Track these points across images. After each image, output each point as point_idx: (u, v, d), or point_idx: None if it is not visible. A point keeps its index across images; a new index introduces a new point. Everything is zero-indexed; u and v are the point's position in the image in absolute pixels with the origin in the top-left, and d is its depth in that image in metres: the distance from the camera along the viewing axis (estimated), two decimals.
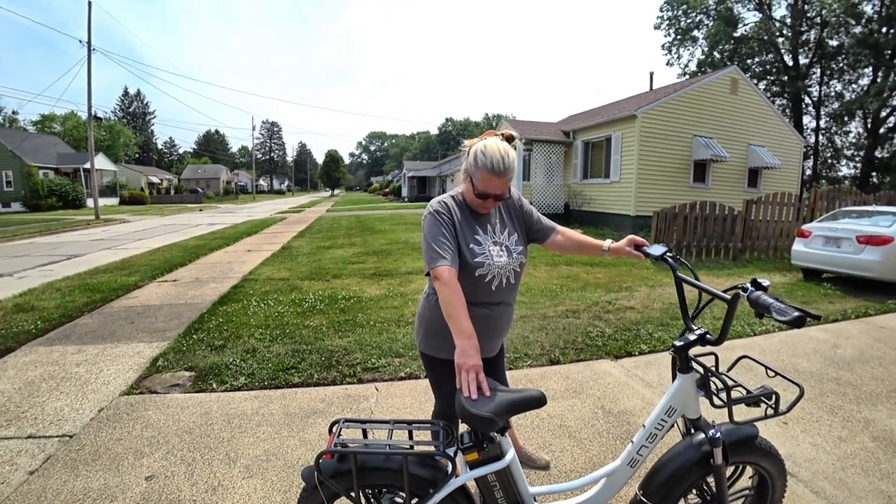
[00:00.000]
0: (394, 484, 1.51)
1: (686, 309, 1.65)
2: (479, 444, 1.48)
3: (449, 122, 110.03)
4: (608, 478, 1.66)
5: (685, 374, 1.57)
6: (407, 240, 12.19)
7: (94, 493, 2.29)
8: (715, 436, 1.52)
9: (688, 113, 14.23)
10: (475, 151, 1.72)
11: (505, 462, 1.50)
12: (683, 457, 1.58)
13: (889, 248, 6.77)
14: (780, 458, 1.71)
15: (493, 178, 1.68)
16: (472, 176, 1.73)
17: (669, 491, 1.58)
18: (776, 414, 1.48)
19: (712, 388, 1.57)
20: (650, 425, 1.62)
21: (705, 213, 9.61)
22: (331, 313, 5.43)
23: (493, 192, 1.72)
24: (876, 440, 2.92)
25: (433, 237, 1.71)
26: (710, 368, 1.55)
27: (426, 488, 1.48)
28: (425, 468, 1.50)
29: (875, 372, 4.02)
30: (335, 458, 1.48)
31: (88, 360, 4.00)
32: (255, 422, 3.00)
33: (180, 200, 44.77)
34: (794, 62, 29.47)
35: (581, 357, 4.20)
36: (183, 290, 6.69)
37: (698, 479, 1.60)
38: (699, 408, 1.60)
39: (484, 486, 1.55)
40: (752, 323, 5.26)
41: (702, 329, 1.53)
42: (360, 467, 1.46)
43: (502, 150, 1.68)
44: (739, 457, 1.64)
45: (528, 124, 19.30)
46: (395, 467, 1.47)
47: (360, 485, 1.48)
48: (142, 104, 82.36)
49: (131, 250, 10.86)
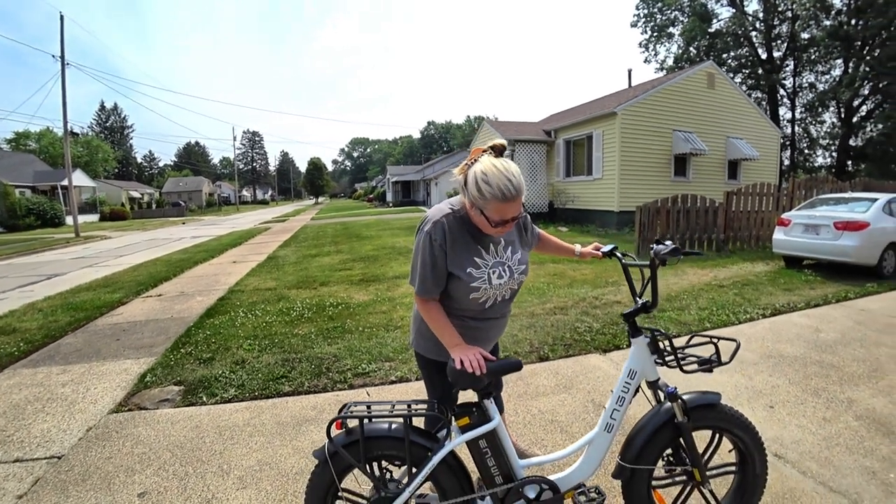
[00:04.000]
0: (396, 454, 1.66)
1: (633, 288, 1.89)
2: (468, 409, 1.68)
3: (431, 125, 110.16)
4: (590, 445, 1.81)
5: (636, 338, 1.79)
6: (394, 245, 12.18)
7: None
8: (670, 390, 1.74)
9: (667, 108, 14.44)
10: (475, 181, 1.54)
11: (493, 425, 1.66)
12: (653, 420, 1.78)
13: (865, 233, 6.94)
14: (751, 426, 1.84)
15: (506, 204, 1.54)
16: (482, 208, 1.56)
17: (644, 452, 1.76)
18: (720, 363, 1.76)
19: (663, 351, 1.80)
20: (617, 390, 1.80)
21: (687, 206, 9.76)
22: (319, 321, 5.40)
23: (511, 217, 1.59)
24: (859, 419, 3.00)
25: (423, 265, 1.67)
26: (657, 330, 1.80)
27: (425, 456, 1.63)
28: (424, 437, 1.68)
29: (856, 353, 4.12)
30: (343, 432, 1.63)
31: (74, 380, 3.93)
32: (247, 433, 2.98)
33: (162, 214, 44.13)
34: (768, 55, 30.10)
35: (570, 353, 4.24)
36: (168, 304, 6.61)
37: (670, 439, 1.79)
38: (656, 371, 1.80)
39: (476, 453, 1.69)
40: (737, 312, 5.36)
41: (645, 300, 1.80)
42: (367, 437, 1.61)
43: (505, 171, 1.53)
44: (706, 420, 1.81)
45: (510, 125, 19.44)
46: (397, 435, 1.63)
47: (367, 456, 1.62)
48: (119, 118, 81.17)
49: (114, 267, 10.69)
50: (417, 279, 1.70)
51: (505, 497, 1.69)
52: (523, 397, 3.39)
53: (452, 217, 1.68)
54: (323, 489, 1.68)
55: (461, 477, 1.69)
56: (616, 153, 13.96)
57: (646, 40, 34.43)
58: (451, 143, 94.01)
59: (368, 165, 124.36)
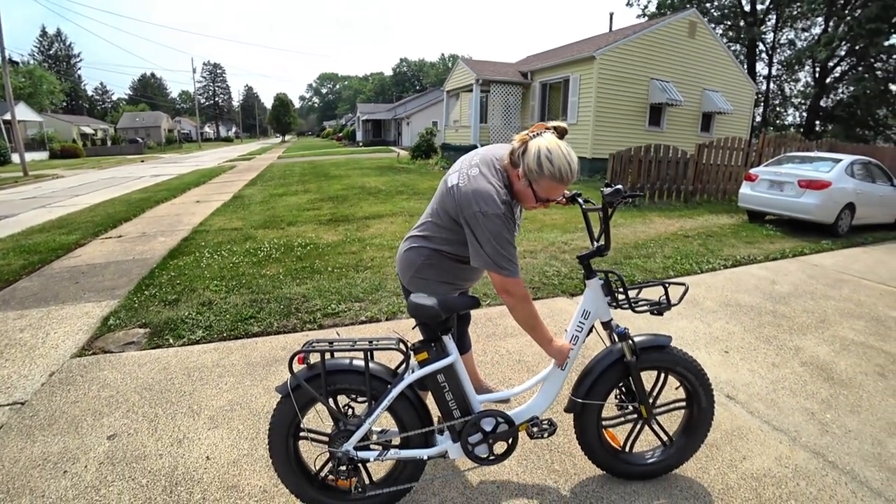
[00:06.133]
0: (358, 388, 1.71)
1: (592, 232, 1.89)
2: (427, 345, 1.72)
3: (404, 62, 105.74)
4: (545, 381, 1.89)
5: (591, 279, 1.83)
6: (363, 184, 11.95)
7: (54, 456, 2.23)
8: (620, 331, 1.82)
9: (646, 56, 14.20)
10: (538, 155, 1.56)
11: (450, 360, 1.71)
12: (604, 360, 1.88)
13: (827, 192, 7.18)
14: (697, 365, 1.95)
15: (559, 186, 1.61)
16: (534, 181, 1.61)
17: (594, 387, 1.87)
18: (669, 306, 1.82)
19: (615, 293, 1.86)
20: (571, 329, 1.87)
21: (659, 156, 9.84)
22: (287, 261, 5.33)
23: (556, 198, 1.73)
24: (804, 365, 3.21)
25: (504, 242, 1.63)
26: (611, 271, 1.85)
27: (385, 390, 1.68)
28: (385, 371, 1.74)
29: (806, 305, 4.35)
30: (306, 367, 1.66)
31: (33, 325, 3.79)
32: (217, 373, 2.97)
33: (119, 152, 41.63)
34: (751, 7, 29.56)
35: (538, 296, 4.34)
36: (129, 245, 6.37)
37: (619, 377, 1.89)
38: (609, 312, 1.86)
39: (435, 388, 1.74)
40: (700, 262, 5.55)
41: (600, 244, 1.82)
42: (329, 371, 1.66)
43: (568, 155, 1.58)
44: (655, 361, 1.91)
45: (486, 64, 18.80)
46: (358, 370, 1.68)
47: (328, 390, 1.67)
48: (64, 46, 74.32)
49: (69, 207, 10.14)
50: (505, 260, 1.63)
51: (462, 430, 1.76)
52: (492, 338, 3.48)
53: (504, 194, 1.66)
54: (286, 426, 1.71)
55: (420, 410, 1.75)
56: (592, 99, 13.78)
57: None
58: (424, 81, 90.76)
59: (338, 103, 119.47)
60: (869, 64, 25.13)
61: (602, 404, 1.89)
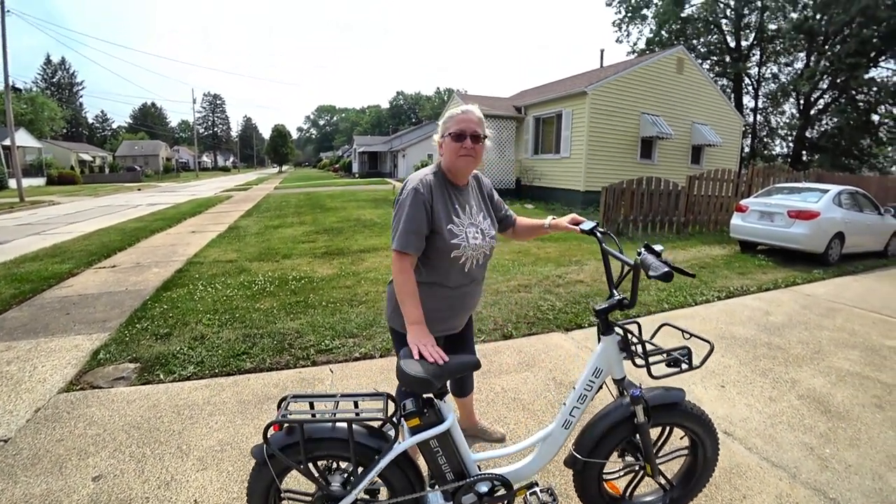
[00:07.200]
0: (340, 454, 1.56)
1: (611, 277, 1.75)
2: (420, 411, 1.57)
3: (400, 95, 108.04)
4: (545, 441, 1.77)
5: (607, 335, 1.69)
6: (359, 217, 12.00)
7: (36, 499, 2.16)
8: (636, 394, 1.68)
9: (636, 90, 14.58)
10: (440, 121, 1.88)
11: (445, 426, 1.57)
12: (612, 416, 1.74)
13: (815, 223, 7.30)
14: (706, 419, 1.85)
15: (463, 118, 1.79)
16: (447, 131, 1.81)
17: (599, 446, 1.73)
18: (690, 368, 1.64)
19: (633, 350, 1.70)
20: (580, 387, 1.73)
21: (651, 188, 9.99)
22: (282, 295, 5.30)
23: (470, 131, 1.79)
24: (801, 398, 3.19)
25: (407, 219, 1.73)
26: (630, 330, 1.69)
27: (371, 456, 1.54)
28: (370, 437, 1.57)
29: (801, 336, 4.36)
30: (283, 431, 1.52)
31: (20, 357, 3.73)
32: (207, 411, 2.92)
33: (116, 179, 41.85)
34: (736, 44, 30.65)
35: (533, 331, 4.32)
36: (123, 276, 6.33)
37: (626, 436, 1.76)
38: (623, 369, 1.73)
39: (427, 452, 1.61)
40: (694, 294, 5.56)
41: (621, 295, 1.65)
42: (308, 438, 1.50)
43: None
44: (665, 419, 1.79)
45: (480, 99, 19.21)
46: (341, 437, 1.52)
47: (308, 457, 1.52)
48: (68, 74, 75.70)
49: (63, 235, 10.12)
50: (399, 233, 1.73)
51: (456, 492, 1.65)
52: (487, 375, 3.44)
53: (433, 177, 1.83)
54: (264, 489, 1.60)
55: (411, 474, 1.63)
56: (584, 133, 14.06)
57: (619, 20, 34.43)
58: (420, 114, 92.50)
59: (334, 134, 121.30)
60: (851, 96, 25.92)
61: (605, 462, 1.78)
